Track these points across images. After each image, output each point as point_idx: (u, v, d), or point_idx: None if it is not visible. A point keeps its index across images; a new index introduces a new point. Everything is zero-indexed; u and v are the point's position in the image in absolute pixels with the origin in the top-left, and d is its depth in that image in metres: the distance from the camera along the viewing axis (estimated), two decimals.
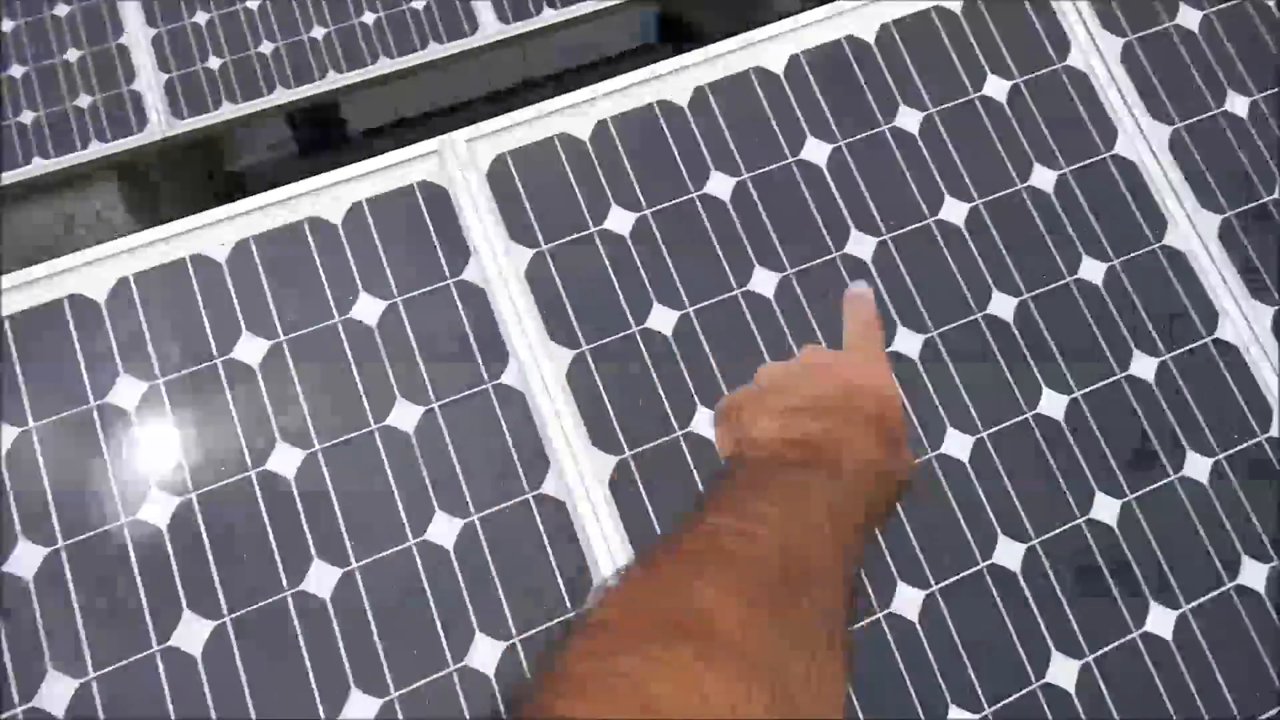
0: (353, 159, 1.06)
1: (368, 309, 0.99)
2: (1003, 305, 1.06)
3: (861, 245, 1.07)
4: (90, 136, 2.20)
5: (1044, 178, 1.12)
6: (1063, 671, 0.94)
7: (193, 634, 0.88)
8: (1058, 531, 0.98)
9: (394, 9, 2.24)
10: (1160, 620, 0.97)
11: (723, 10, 2.97)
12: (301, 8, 2.22)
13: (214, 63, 2.20)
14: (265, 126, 2.97)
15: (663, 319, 1.02)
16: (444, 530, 0.94)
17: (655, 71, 1.09)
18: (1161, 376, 1.05)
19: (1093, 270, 1.08)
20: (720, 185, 1.07)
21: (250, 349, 0.97)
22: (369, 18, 2.24)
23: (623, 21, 2.84)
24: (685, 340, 1.01)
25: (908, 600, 0.95)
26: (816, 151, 1.09)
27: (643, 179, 1.06)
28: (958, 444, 1.00)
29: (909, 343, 1.04)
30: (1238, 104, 1.18)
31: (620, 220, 1.05)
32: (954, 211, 1.09)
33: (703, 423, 0.98)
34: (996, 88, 1.14)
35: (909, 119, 1.12)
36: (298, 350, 0.97)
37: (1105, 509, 1.00)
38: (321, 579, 0.91)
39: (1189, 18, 1.21)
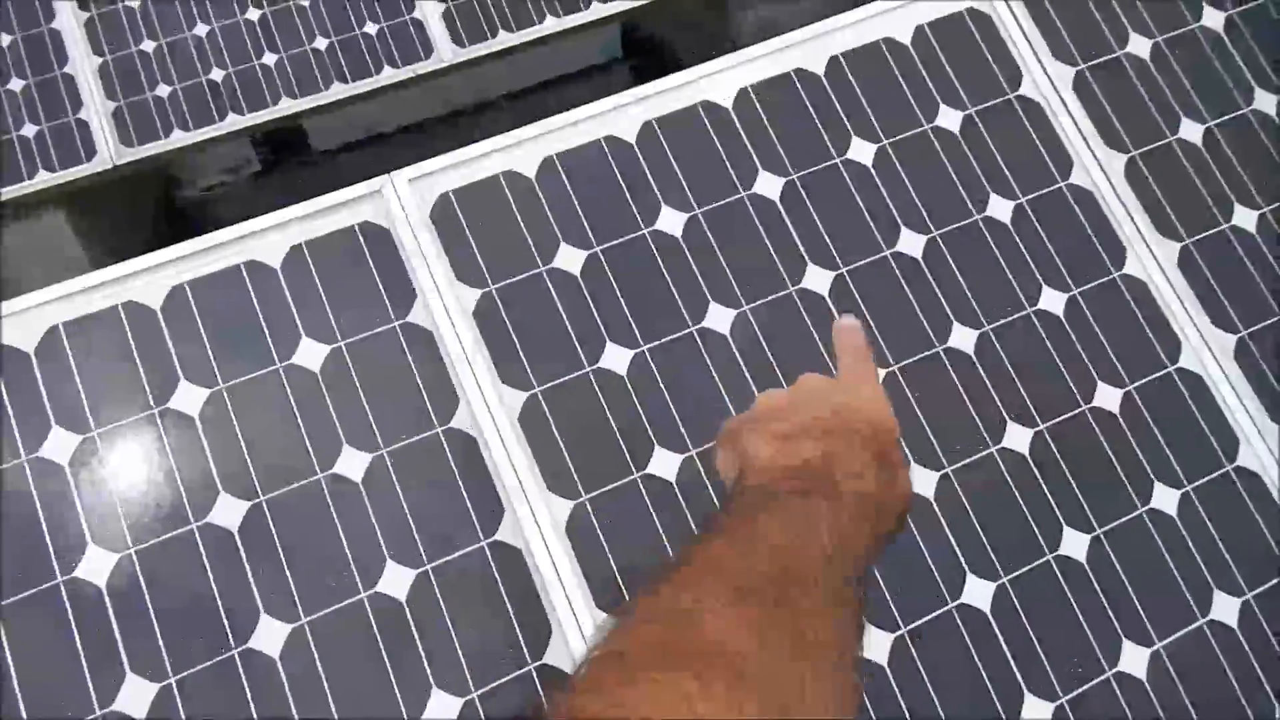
0: (312, 180, 1.02)
1: (310, 354, 0.96)
2: (963, 339, 1.04)
3: (817, 279, 1.05)
4: (37, 166, 2.14)
5: (1000, 208, 1.10)
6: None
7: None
8: (1028, 569, 0.97)
9: (346, 34, 2.21)
10: (1133, 657, 0.95)
11: (684, 27, 2.97)
12: (252, 34, 2.18)
13: (163, 90, 2.16)
14: (221, 151, 2.92)
15: (617, 358, 0.99)
16: (397, 580, 0.90)
17: (602, 107, 1.07)
18: (1126, 405, 1.04)
19: (1053, 301, 1.07)
20: (671, 221, 1.05)
21: (189, 398, 0.94)
22: (321, 43, 2.20)
23: (583, 39, 2.83)
24: (640, 379, 0.99)
25: (876, 641, 0.93)
26: (769, 185, 1.08)
27: (592, 216, 1.04)
28: (922, 480, 0.98)
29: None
30: (1190, 131, 1.18)
31: (570, 258, 1.02)
32: (910, 242, 1.07)
33: (661, 464, 0.96)
34: (949, 119, 1.13)
35: (862, 151, 1.11)
36: (238, 399, 0.94)
37: (1074, 544, 0.98)
38: (271, 633, 0.87)
39: (1139, 46, 1.21)
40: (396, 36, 2.21)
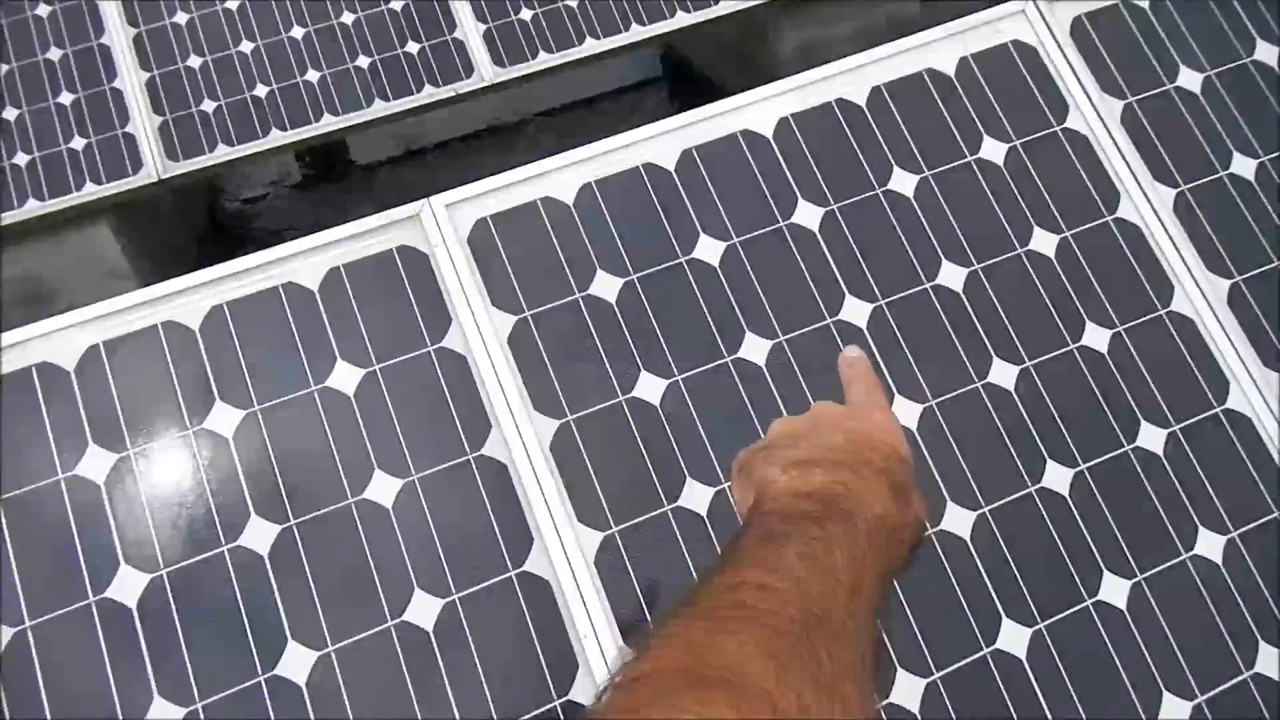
0: (352, 194, 1.03)
1: (345, 377, 0.96)
2: (1004, 374, 1.02)
3: (856, 310, 1.03)
4: (85, 178, 2.18)
5: (1045, 242, 1.08)
6: None
7: None
8: (1066, 614, 0.94)
9: (388, 53, 2.23)
10: (1173, 708, 0.92)
11: (723, 50, 2.97)
12: (295, 51, 2.21)
13: (209, 105, 2.19)
14: (264, 164, 2.96)
15: (651, 388, 0.98)
16: (424, 609, 0.90)
17: (641, 134, 1.06)
18: (1171, 447, 1.02)
19: (1097, 338, 1.05)
20: (709, 249, 1.04)
21: (224, 419, 0.94)
22: (363, 61, 2.23)
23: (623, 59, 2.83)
24: (675, 410, 0.98)
25: (908, 686, 0.91)
26: (808, 215, 1.06)
27: (629, 243, 1.03)
28: (959, 520, 0.96)
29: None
30: (1243, 166, 1.15)
31: (605, 285, 1.01)
32: (951, 275, 1.06)
33: (692, 496, 0.95)
34: (993, 150, 1.11)
35: (903, 182, 1.09)
36: (272, 421, 0.94)
37: (1114, 590, 0.95)
38: (298, 660, 0.87)
39: (1190, 79, 1.18)
40: (437, 56, 2.23)
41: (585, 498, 0.93)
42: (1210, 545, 0.98)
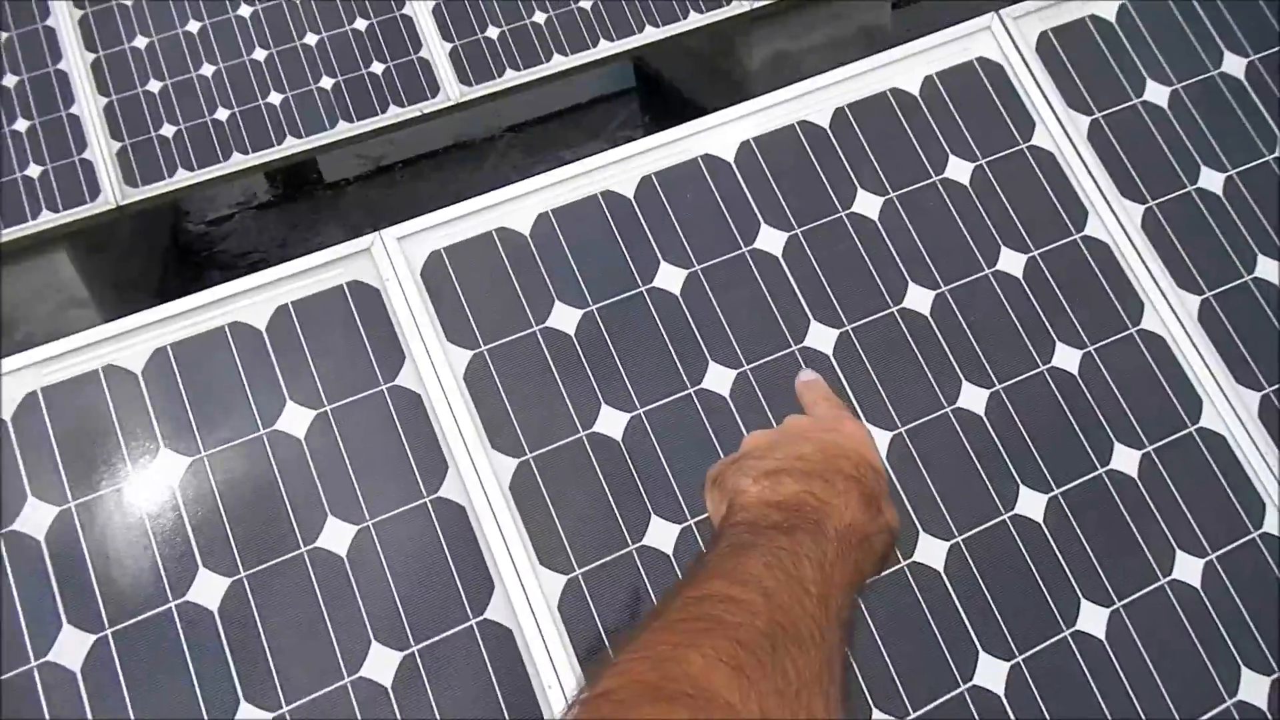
0: (319, 212, 1.00)
1: (295, 419, 0.93)
2: (974, 398, 1.00)
3: (821, 336, 1.01)
4: (41, 206, 2.14)
5: (1012, 262, 1.07)
6: None
7: None
8: (1044, 646, 0.92)
9: (352, 74, 2.20)
10: None
11: (693, 61, 2.95)
12: (257, 73, 2.18)
13: (168, 130, 2.15)
14: (231, 187, 2.92)
15: (612, 422, 0.96)
16: (382, 663, 0.86)
17: (598, 161, 1.04)
18: (1145, 469, 1.00)
19: (1067, 358, 1.03)
20: (670, 278, 1.01)
21: (168, 467, 0.91)
22: (327, 82, 2.19)
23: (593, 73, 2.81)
24: (637, 444, 0.95)
25: None
26: (771, 240, 1.04)
27: (587, 273, 1.00)
28: (932, 551, 0.94)
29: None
30: (1211, 181, 1.14)
31: (564, 317, 0.99)
32: (917, 298, 1.04)
33: (657, 535, 0.92)
34: (959, 170, 1.10)
35: (868, 204, 1.07)
36: (220, 467, 0.91)
37: (1092, 619, 0.93)
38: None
39: (1157, 93, 1.17)
40: (403, 75, 2.20)
41: (547, 539, 0.90)
42: (1188, 569, 0.96)
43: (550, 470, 0.93)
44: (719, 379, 0.98)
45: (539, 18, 2.28)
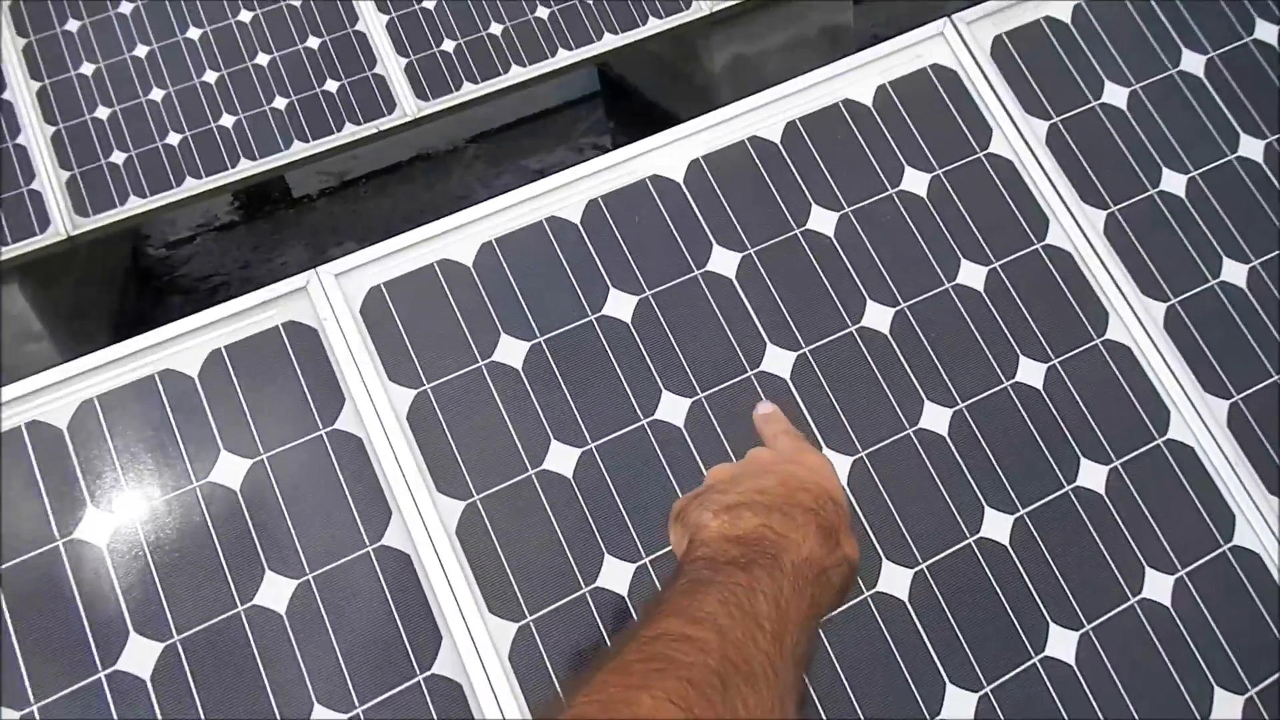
0: (284, 234, 0.96)
1: (230, 470, 0.89)
2: (936, 418, 0.97)
3: (778, 360, 0.98)
4: None
5: (973, 274, 1.04)
6: None
7: None
8: (1013, 674, 0.89)
9: (306, 93, 2.15)
10: None
11: (655, 66, 2.92)
12: (208, 96, 2.13)
13: (118, 157, 2.10)
14: (192, 209, 2.86)
15: (562, 458, 0.92)
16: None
17: (543, 187, 1.00)
18: (1113, 484, 0.97)
19: (1032, 373, 1.00)
20: (620, 305, 0.98)
21: (97, 527, 0.87)
22: (280, 102, 2.15)
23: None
24: (589, 481, 0.92)
25: None
26: (724, 261, 1.01)
27: (534, 304, 0.97)
28: (896, 579, 0.91)
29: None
30: (1173, 182, 1.12)
31: (511, 350, 0.95)
32: (876, 316, 1.01)
33: (611, 575, 0.88)
34: (915, 181, 1.07)
35: (823, 220, 1.04)
36: (151, 524, 0.87)
37: (1061, 643, 0.91)
38: None
39: (1115, 95, 1.14)
40: (358, 93, 2.16)
41: (496, 585, 0.87)
42: (1158, 587, 0.94)
43: (498, 512, 0.89)
44: (673, 409, 0.95)
45: (495, 29, 2.25)
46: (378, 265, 0.97)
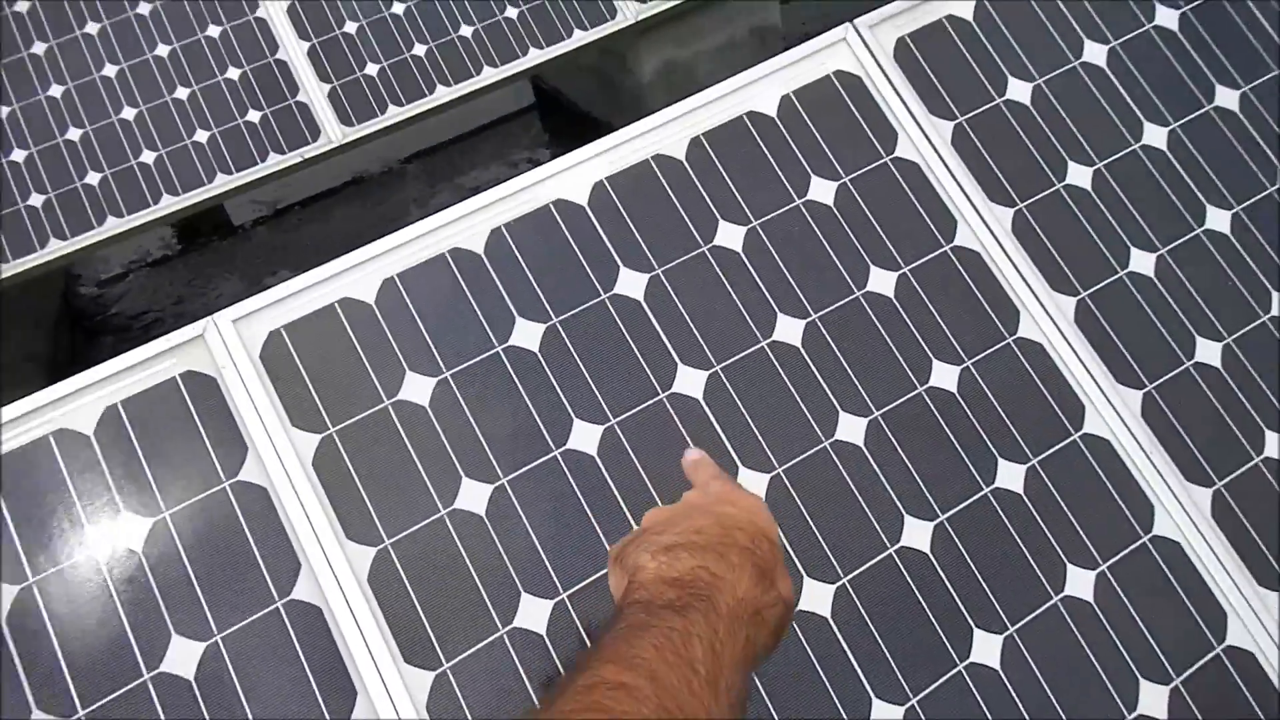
0: (219, 268, 0.94)
1: (131, 530, 0.87)
2: (852, 429, 0.97)
3: (690, 381, 0.97)
4: None
5: (883, 281, 1.04)
6: None
7: None
8: (940, 683, 0.89)
9: (228, 124, 2.12)
10: None
11: (587, 77, 2.90)
12: (127, 133, 2.09)
13: (36, 199, 2.05)
14: (124, 244, 2.81)
15: (475, 496, 0.91)
16: None
17: (444, 219, 0.99)
18: (1031, 483, 0.97)
19: (945, 376, 1.00)
20: (527, 334, 0.97)
21: None
22: (202, 135, 2.11)
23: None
24: (500, 517, 0.90)
25: None
26: (632, 283, 1.00)
27: (439, 338, 0.95)
28: (818, 596, 0.91)
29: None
30: (1079, 175, 1.12)
31: (417, 388, 0.93)
32: (788, 329, 1.00)
33: (529, 614, 0.87)
34: (822, 190, 1.06)
35: (730, 235, 1.03)
36: (50, 594, 0.84)
37: (987, 649, 0.91)
38: None
39: (1019, 90, 1.15)
40: (281, 122, 2.13)
41: (411, 633, 0.85)
42: (1080, 583, 0.94)
43: (410, 556, 0.88)
44: (585, 437, 0.94)
45: (419, 50, 2.22)
46: (277, 308, 0.95)
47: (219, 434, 0.90)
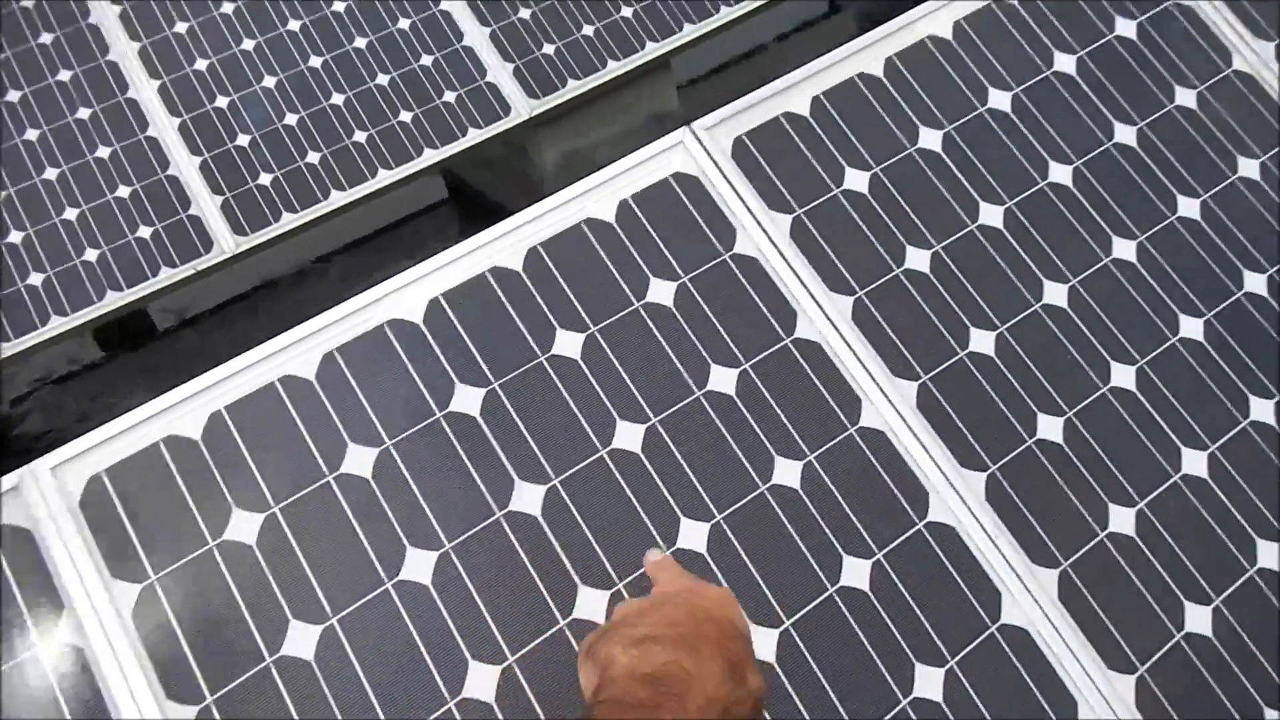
0: (123, 383, 0.91)
1: None
2: (694, 534, 0.96)
3: (528, 496, 0.96)
4: None
5: (723, 379, 1.04)
6: None
7: None
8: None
9: (118, 241, 2.10)
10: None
11: (493, 169, 2.94)
12: (15, 259, 2.07)
13: None
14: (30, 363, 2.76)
15: (301, 644, 0.88)
16: None
17: (271, 348, 0.98)
18: (877, 578, 0.97)
19: (788, 473, 1.00)
20: (359, 460, 0.95)
21: None
22: (91, 254, 2.10)
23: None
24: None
25: None
26: (468, 400, 0.99)
27: (268, 470, 0.93)
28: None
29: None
30: (917, 259, 1.15)
31: (244, 525, 0.91)
32: (627, 436, 1.00)
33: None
34: (661, 291, 1.07)
35: (568, 344, 1.04)
36: None
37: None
38: None
39: (856, 180, 1.18)
40: (173, 235, 2.12)
41: None
42: (929, 684, 0.93)
43: (244, 709, 0.85)
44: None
45: (313, 158, 2.24)
46: (99, 451, 0.93)
47: (34, 594, 0.87)
